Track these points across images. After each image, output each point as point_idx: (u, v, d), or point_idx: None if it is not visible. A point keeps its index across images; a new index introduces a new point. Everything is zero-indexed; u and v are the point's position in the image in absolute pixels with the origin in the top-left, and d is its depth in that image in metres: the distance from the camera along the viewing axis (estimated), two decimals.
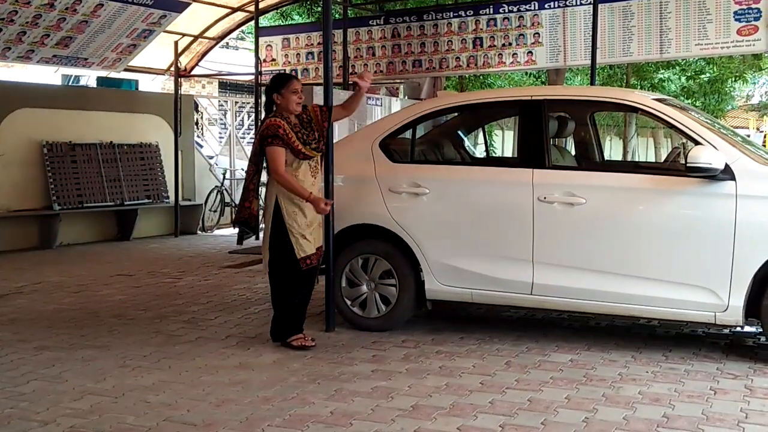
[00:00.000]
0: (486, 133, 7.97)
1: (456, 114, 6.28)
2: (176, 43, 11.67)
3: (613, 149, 21.57)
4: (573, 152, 6.62)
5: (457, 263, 5.37)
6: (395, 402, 4.11)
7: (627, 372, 4.64)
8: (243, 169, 13.74)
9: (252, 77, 11.62)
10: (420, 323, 5.83)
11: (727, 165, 4.69)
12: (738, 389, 4.32)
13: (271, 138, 5.02)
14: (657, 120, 5.21)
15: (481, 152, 10.24)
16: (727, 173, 4.70)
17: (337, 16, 11.08)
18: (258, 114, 11.27)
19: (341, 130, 9.32)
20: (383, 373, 4.62)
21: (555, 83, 13.05)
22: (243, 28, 13.57)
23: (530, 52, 10.08)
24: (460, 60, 10.56)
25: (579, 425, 3.78)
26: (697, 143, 4.84)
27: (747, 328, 5.50)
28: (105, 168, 10.81)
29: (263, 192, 5.61)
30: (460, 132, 6.61)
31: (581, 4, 9.65)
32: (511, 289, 5.24)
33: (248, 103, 15.67)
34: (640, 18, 9.27)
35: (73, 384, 4.43)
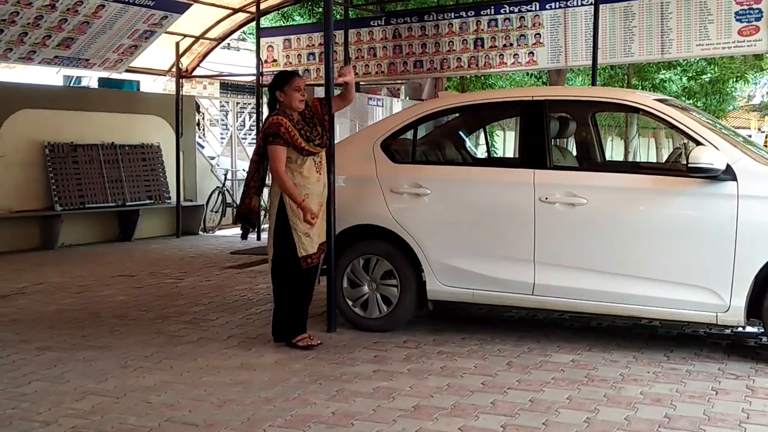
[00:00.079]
0: (487, 134, 7.96)
1: (457, 114, 6.28)
2: (177, 44, 11.68)
3: (615, 150, 21.54)
4: (574, 153, 6.61)
5: (459, 264, 5.37)
6: (397, 402, 4.11)
7: (628, 372, 4.64)
8: (244, 170, 13.72)
9: (253, 78, 11.63)
10: (421, 324, 5.84)
11: (729, 165, 4.69)
12: (739, 389, 4.32)
13: (273, 137, 5.03)
14: (658, 120, 5.21)
15: (483, 153, 10.22)
16: (729, 174, 4.70)
17: (338, 17, 11.09)
18: (259, 115, 11.29)
19: (342, 131, 9.34)
20: (385, 374, 4.62)
21: (556, 84, 13.05)
22: (244, 29, 13.57)
23: (531, 53, 10.08)
24: (462, 60, 10.56)
25: (580, 425, 3.78)
26: (699, 144, 4.84)
27: (748, 329, 5.49)
28: (106, 169, 10.82)
29: (266, 190, 5.62)
30: (462, 132, 6.61)
31: (582, 5, 9.65)
32: (513, 290, 5.24)
33: (249, 104, 15.67)
34: (642, 18, 9.27)
35: (75, 384, 4.43)
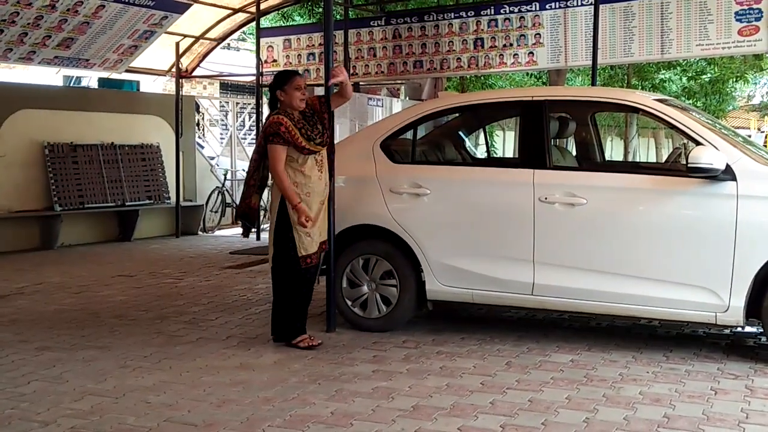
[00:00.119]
0: (487, 134, 7.96)
1: (457, 115, 6.28)
2: (177, 44, 11.68)
3: (614, 150, 21.54)
4: (574, 153, 6.61)
5: (458, 264, 5.37)
6: (396, 402, 4.11)
7: (628, 372, 4.64)
8: (244, 170, 13.75)
9: (253, 78, 11.64)
10: (421, 324, 5.83)
11: (728, 165, 4.69)
12: (739, 389, 4.32)
13: (273, 136, 5.04)
14: (658, 120, 5.21)
15: (482, 153, 10.22)
16: (728, 174, 4.70)
17: (338, 17, 11.09)
18: (259, 115, 11.29)
19: (342, 131, 9.35)
20: (384, 374, 4.62)
21: (556, 84, 13.05)
22: (244, 29, 13.57)
23: (531, 53, 10.08)
24: (461, 61, 10.56)
25: (579, 425, 3.78)
26: (698, 144, 4.84)
27: (748, 329, 5.50)
28: (106, 169, 10.82)
29: (267, 190, 5.63)
30: (461, 132, 6.61)
31: (582, 5, 9.65)
32: (512, 290, 5.24)
33: (249, 104, 15.68)
34: (641, 18, 9.27)
35: (74, 384, 4.43)
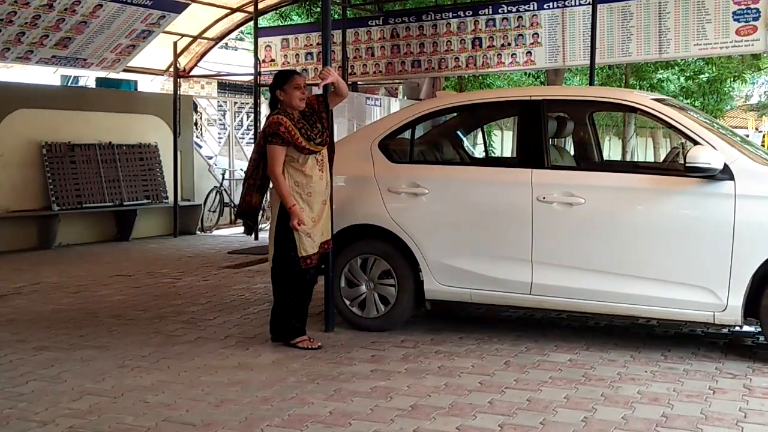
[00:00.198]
0: (485, 134, 7.96)
1: (455, 114, 6.28)
2: (175, 44, 11.67)
3: (612, 149, 21.56)
4: (572, 152, 6.61)
5: (456, 263, 5.37)
6: (394, 402, 4.11)
7: (626, 372, 4.64)
8: (242, 170, 13.76)
9: (251, 78, 11.63)
10: (419, 323, 5.84)
11: (726, 165, 4.69)
12: (737, 389, 4.32)
13: (272, 136, 5.03)
14: (656, 120, 5.21)
15: (480, 152, 10.24)
16: (726, 173, 4.70)
17: (336, 17, 11.07)
18: (257, 114, 11.28)
19: (340, 130, 9.33)
20: (382, 373, 4.62)
21: (554, 83, 13.05)
22: (242, 29, 13.55)
23: (529, 53, 10.08)
24: (459, 60, 10.56)
25: (578, 425, 3.78)
26: (696, 143, 4.84)
27: (746, 328, 5.50)
28: (104, 168, 10.81)
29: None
30: (459, 132, 6.61)
31: (580, 5, 9.65)
32: (510, 289, 5.25)
33: (247, 104, 15.66)
34: (639, 18, 9.27)
35: (72, 384, 4.43)
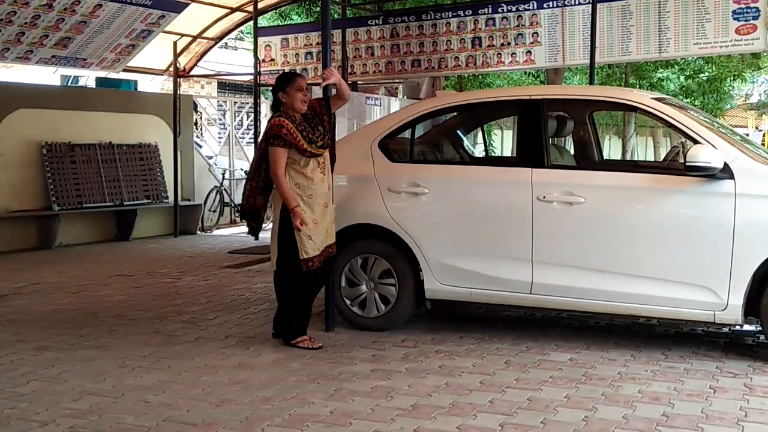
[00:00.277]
0: (485, 133, 7.96)
1: (455, 114, 6.28)
2: (175, 44, 11.66)
3: (612, 148, 21.57)
4: (572, 151, 6.61)
5: (457, 263, 5.37)
6: (395, 401, 4.11)
7: (626, 371, 4.64)
8: (242, 169, 13.77)
9: (251, 77, 11.62)
10: (419, 323, 5.84)
11: (726, 164, 4.69)
12: (737, 388, 4.32)
13: (273, 138, 5.03)
14: (656, 119, 5.21)
15: (480, 152, 10.25)
16: (726, 172, 4.70)
17: (336, 16, 11.06)
18: (257, 114, 11.28)
19: (340, 130, 9.32)
20: (383, 373, 4.62)
21: (554, 83, 13.04)
22: (242, 29, 13.54)
23: (529, 52, 10.07)
24: (459, 60, 10.55)
25: (578, 424, 3.78)
26: (696, 142, 4.84)
27: (746, 327, 5.50)
28: (104, 168, 10.81)
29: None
30: (459, 131, 6.61)
31: (580, 4, 9.64)
32: (511, 289, 5.25)
33: (247, 104, 15.65)
34: (639, 17, 9.26)
35: (73, 384, 4.43)
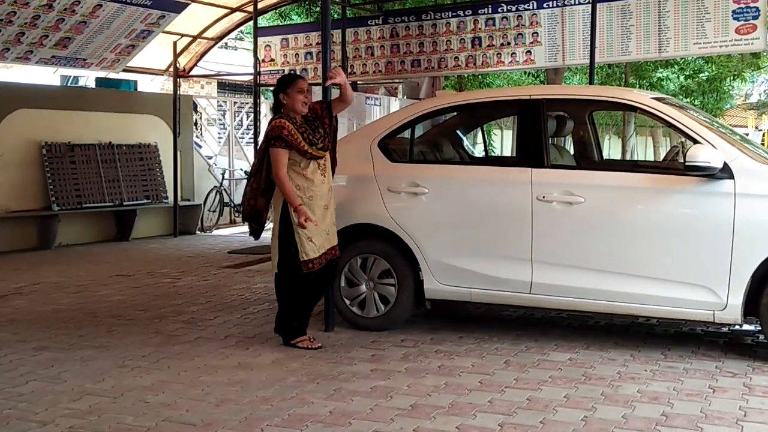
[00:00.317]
0: (485, 133, 7.96)
1: (455, 113, 6.28)
2: (175, 44, 11.67)
3: (612, 148, 21.58)
4: (572, 151, 6.61)
5: (456, 262, 5.37)
6: (394, 401, 4.11)
7: (626, 371, 4.64)
8: (242, 170, 13.78)
9: (251, 77, 11.62)
10: (419, 323, 5.84)
11: (726, 164, 4.69)
12: (737, 387, 4.32)
13: (274, 140, 5.02)
14: (656, 119, 5.21)
15: (480, 152, 10.25)
16: (726, 172, 4.70)
17: (336, 16, 11.06)
18: (257, 114, 11.28)
19: (340, 130, 9.31)
20: (382, 373, 4.62)
21: (554, 82, 13.05)
22: (242, 29, 13.55)
23: (529, 52, 10.07)
24: (459, 59, 10.55)
25: (578, 424, 3.78)
26: (696, 142, 4.84)
27: (746, 327, 5.50)
28: (104, 168, 10.81)
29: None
30: (459, 131, 6.61)
31: (579, 4, 9.64)
32: (510, 288, 5.25)
33: (247, 104, 15.65)
34: (639, 17, 9.26)
35: (72, 384, 4.43)
